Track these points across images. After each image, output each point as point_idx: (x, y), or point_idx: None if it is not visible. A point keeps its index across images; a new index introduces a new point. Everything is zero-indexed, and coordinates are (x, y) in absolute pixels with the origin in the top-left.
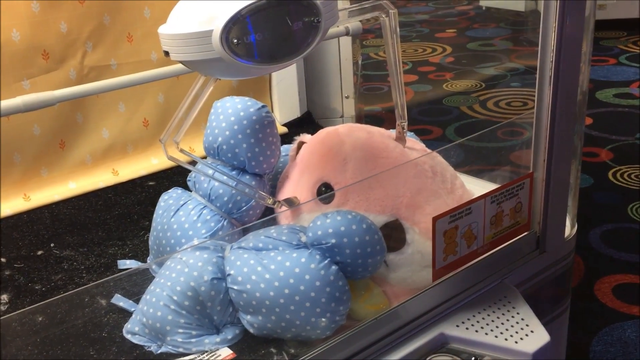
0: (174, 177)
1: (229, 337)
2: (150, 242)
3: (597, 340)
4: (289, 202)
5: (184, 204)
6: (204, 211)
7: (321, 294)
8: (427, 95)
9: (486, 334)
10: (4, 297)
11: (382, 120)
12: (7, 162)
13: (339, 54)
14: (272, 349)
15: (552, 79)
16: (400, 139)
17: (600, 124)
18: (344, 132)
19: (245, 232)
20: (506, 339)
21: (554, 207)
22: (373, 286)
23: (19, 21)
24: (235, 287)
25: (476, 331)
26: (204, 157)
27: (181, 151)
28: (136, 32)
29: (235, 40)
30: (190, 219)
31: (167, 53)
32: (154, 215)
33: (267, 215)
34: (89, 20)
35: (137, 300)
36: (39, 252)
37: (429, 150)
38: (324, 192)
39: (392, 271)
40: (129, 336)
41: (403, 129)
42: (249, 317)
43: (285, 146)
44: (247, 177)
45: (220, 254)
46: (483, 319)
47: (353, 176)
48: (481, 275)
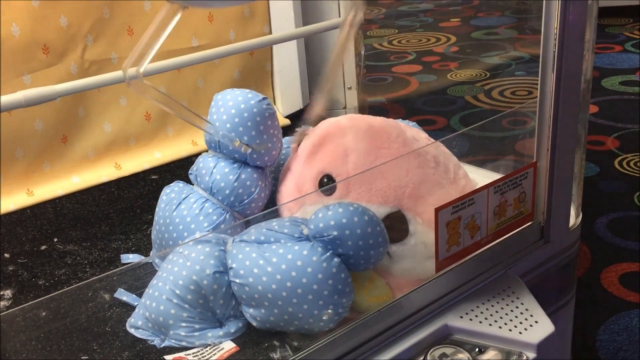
0: (177, 170)
1: (232, 330)
2: (152, 236)
3: (604, 329)
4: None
5: (185, 198)
6: (206, 204)
7: (324, 287)
8: (431, 85)
9: (490, 325)
10: (8, 293)
11: (386, 110)
12: (9, 157)
13: None
14: (275, 342)
15: (555, 67)
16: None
17: (606, 112)
18: (346, 123)
19: (247, 225)
20: (510, 330)
21: (558, 196)
22: (376, 278)
23: (19, 16)
24: (237, 281)
25: (480, 322)
26: (206, 151)
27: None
28: (136, 25)
29: None
30: (192, 212)
31: None
32: (157, 209)
33: (269, 208)
34: (89, 14)
35: (140, 294)
36: (43, 247)
37: (432, 140)
38: (326, 183)
39: (395, 262)
40: (132, 330)
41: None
42: (251, 310)
43: (287, 138)
44: (249, 169)
45: (222, 248)
46: (487, 309)
47: (355, 167)
48: (485, 266)
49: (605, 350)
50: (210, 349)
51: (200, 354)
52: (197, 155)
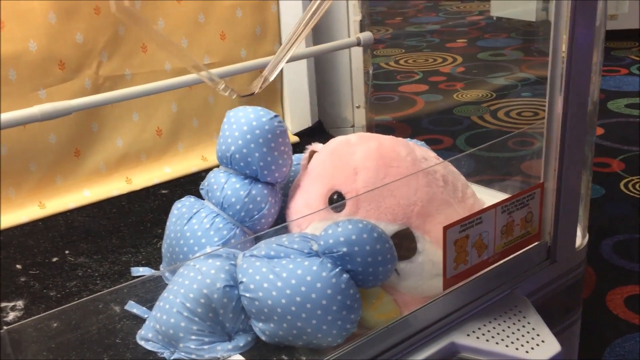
0: (187, 185)
1: (241, 344)
2: (163, 250)
3: (610, 352)
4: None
5: (196, 212)
6: (217, 219)
7: (332, 302)
8: (437, 105)
9: (497, 343)
10: (20, 303)
11: (392, 129)
12: (23, 170)
13: (350, 64)
14: (283, 357)
15: (563, 88)
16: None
17: (612, 134)
18: (355, 141)
19: (257, 240)
20: (517, 349)
21: (564, 217)
22: (384, 295)
23: (36, 32)
24: (247, 295)
25: (487, 340)
26: (216, 167)
27: None
28: (150, 42)
29: None
30: (202, 226)
31: None
32: (167, 223)
33: (278, 224)
34: (105, 31)
35: (150, 307)
36: (54, 259)
37: (440, 160)
38: (336, 200)
39: (403, 280)
40: (142, 342)
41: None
42: (260, 324)
43: (296, 155)
44: (260, 185)
45: (232, 262)
46: (494, 328)
47: (364, 185)
48: (492, 285)
49: None
50: None
51: None
52: (206, 170)
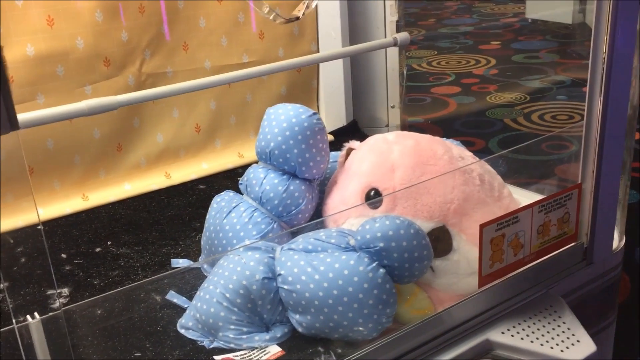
0: (224, 181)
1: (278, 335)
2: (202, 242)
3: None
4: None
5: (235, 206)
6: (255, 213)
7: (369, 296)
8: (470, 107)
9: (531, 342)
10: (65, 290)
11: (424, 131)
12: (68, 163)
13: (386, 64)
14: (319, 348)
15: (603, 92)
16: None
17: None
18: (393, 139)
19: (294, 234)
20: (552, 348)
21: (602, 218)
22: (418, 291)
23: (83, 30)
24: (285, 287)
25: (522, 339)
26: (256, 162)
27: None
28: (192, 41)
29: None
30: (241, 220)
31: None
32: (207, 217)
33: (315, 219)
34: (148, 30)
35: (189, 297)
36: (97, 249)
37: (477, 159)
38: (373, 197)
39: (438, 277)
40: (182, 331)
41: None
42: (297, 316)
43: (333, 153)
44: (297, 181)
45: (271, 255)
46: (529, 327)
47: (401, 182)
48: (527, 284)
49: None
50: (257, 352)
51: (248, 356)
52: (243, 167)
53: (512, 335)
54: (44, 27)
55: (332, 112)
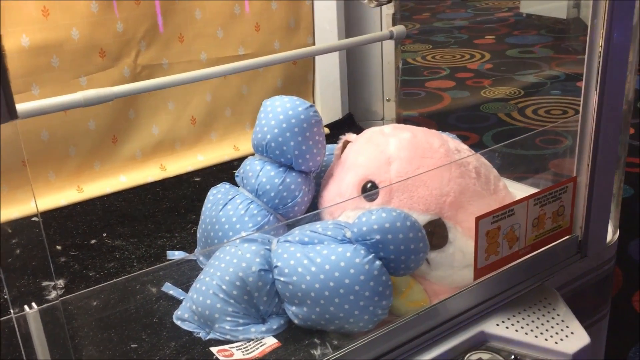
0: (219, 173)
1: (274, 327)
2: (198, 234)
3: (635, 352)
4: None
5: (232, 199)
6: (251, 206)
7: (365, 288)
8: (464, 102)
9: (526, 333)
10: (60, 282)
11: (419, 125)
12: (63, 155)
13: (382, 57)
14: (315, 340)
15: (598, 86)
16: None
17: None
18: (389, 131)
19: (290, 226)
20: (546, 339)
21: (596, 212)
22: (414, 283)
23: (79, 20)
24: (281, 279)
25: (516, 331)
26: (251, 155)
27: None
28: (187, 33)
29: None
30: (237, 212)
31: None
32: (203, 209)
33: (312, 212)
34: (144, 21)
35: (185, 289)
36: (92, 241)
37: (473, 152)
38: (369, 190)
39: (434, 269)
40: (178, 322)
41: None
42: (294, 308)
43: (329, 145)
44: (294, 174)
45: (267, 247)
46: (523, 319)
47: (398, 175)
48: (522, 277)
49: None
50: (253, 343)
51: (244, 348)
52: (238, 159)
53: (507, 327)
54: (39, 17)
55: (328, 105)
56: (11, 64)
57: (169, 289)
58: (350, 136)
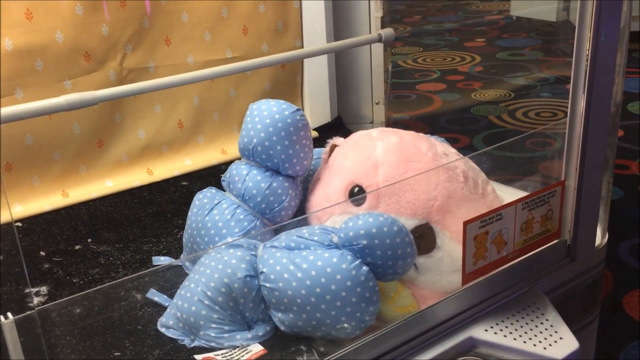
0: (207, 177)
1: (260, 333)
2: (184, 240)
3: (625, 354)
4: None
5: (218, 203)
6: (238, 210)
7: (352, 294)
8: (455, 104)
9: (515, 339)
10: (43, 289)
11: (409, 128)
12: (47, 160)
13: (371, 60)
14: (302, 347)
15: (586, 89)
16: None
17: (631, 136)
18: (377, 135)
19: (277, 232)
20: (535, 345)
21: (585, 215)
22: (402, 288)
23: (63, 23)
24: (267, 285)
25: (505, 336)
26: (238, 159)
27: None
28: (174, 36)
29: None
30: (224, 217)
31: None
32: (189, 214)
33: (299, 216)
34: (130, 24)
35: (170, 295)
36: (77, 247)
37: (461, 156)
38: (357, 194)
39: (422, 274)
40: (163, 329)
41: None
42: (280, 314)
43: (317, 149)
44: (281, 178)
45: (253, 252)
46: (512, 324)
47: (385, 179)
48: (511, 281)
49: None
50: (238, 351)
51: (229, 355)
52: (226, 163)
53: (496, 333)
54: (23, 20)
55: (317, 108)
56: None
57: (154, 295)
58: (337, 140)
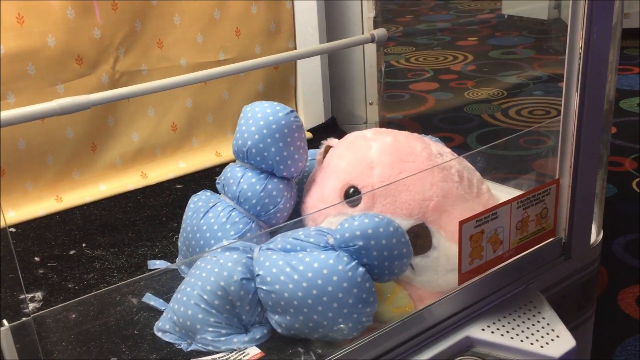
0: (201, 180)
1: (257, 336)
2: (179, 243)
3: (621, 351)
4: None
5: (213, 206)
6: (233, 213)
7: (348, 295)
8: (448, 103)
9: (511, 338)
10: (38, 295)
11: (403, 127)
12: (40, 164)
13: (364, 60)
14: (299, 349)
15: (579, 86)
16: None
17: (624, 133)
18: (371, 136)
19: (272, 234)
20: (532, 343)
21: (580, 213)
22: (399, 289)
23: (54, 27)
24: (264, 287)
25: (502, 335)
26: (232, 161)
27: None
28: (166, 38)
29: None
30: (219, 220)
31: None
32: (184, 217)
33: (294, 218)
34: (122, 27)
35: (166, 299)
36: (71, 252)
37: (455, 155)
38: (352, 195)
39: (418, 274)
40: (159, 334)
41: None
42: (277, 317)
43: (311, 150)
44: (275, 180)
45: (249, 255)
46: (508, 323)
47: (380, 180)
48: (506, 280)
49: None
50: (236, 354)
51: (226, 359)
52: (220, 166)
53: (492, 332)
54: (14, 24)
55: (310, 109)
56: None
57: (150, 299)
58: (332, 141)
